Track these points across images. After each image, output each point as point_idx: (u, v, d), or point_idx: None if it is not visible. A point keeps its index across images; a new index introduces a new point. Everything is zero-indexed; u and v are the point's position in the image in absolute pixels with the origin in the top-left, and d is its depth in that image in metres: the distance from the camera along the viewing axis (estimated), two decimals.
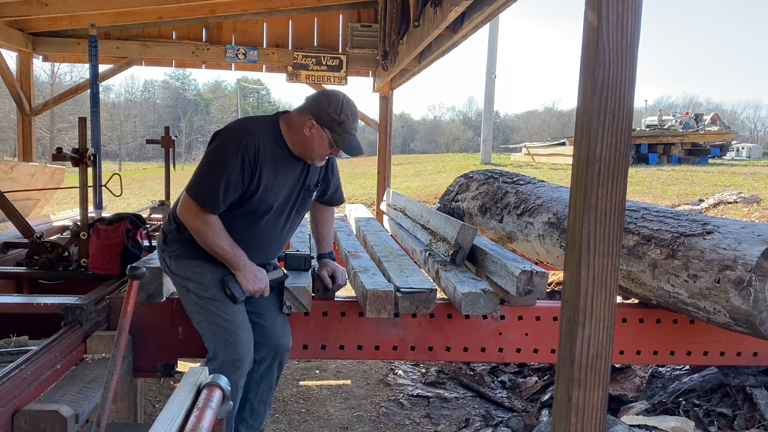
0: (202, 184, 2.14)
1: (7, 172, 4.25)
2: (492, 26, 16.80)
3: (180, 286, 2.30)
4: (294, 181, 2.32)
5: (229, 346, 2.21)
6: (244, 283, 2.22)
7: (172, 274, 2.31)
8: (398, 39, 5.36)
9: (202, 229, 2.15)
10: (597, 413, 1.52)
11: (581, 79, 1.45)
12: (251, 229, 2.29)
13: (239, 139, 2.14)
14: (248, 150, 2.13)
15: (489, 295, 2.36)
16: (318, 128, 2.19)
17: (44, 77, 34.38)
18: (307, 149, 2.24)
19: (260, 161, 2.15)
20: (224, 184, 2.11)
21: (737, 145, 21.91)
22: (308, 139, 2.21)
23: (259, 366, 2.40)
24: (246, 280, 2.23)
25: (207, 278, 2.25)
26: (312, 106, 2.21)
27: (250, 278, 2.23)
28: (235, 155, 2.11)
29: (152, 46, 6.54)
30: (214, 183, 2.11)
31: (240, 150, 2.11)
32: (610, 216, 1.45)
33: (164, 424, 1.08)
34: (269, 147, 2.19)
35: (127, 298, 1.60)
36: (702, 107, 48.89)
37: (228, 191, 2.13)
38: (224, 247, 2.18)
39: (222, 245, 2.17)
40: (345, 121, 2.19)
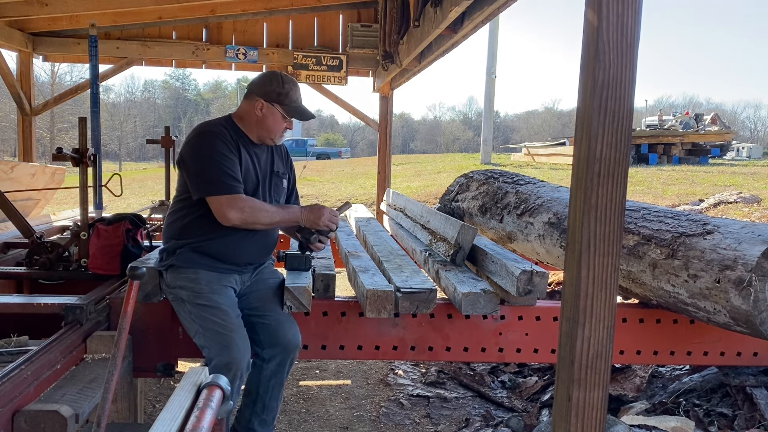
0: (213, 178, 2.23)
1: (7, 172, 4.25)
2: (492, 26, 16.80)
3: (176, 299, 2.33)
4: (264, 167, 2.46)
5: (224, 350, 2.21)
6: (308, 222, 2.39)
7: (168, 288, 2.35)
8: (398, 39, 5.36)
9: (246, 215, 2.25)
10: (597, 413, 1.52)
11: (581, 79, 1.45)
12: None
13: (210, 129, 2.32)
14: (224, 134, 2.31)
15: (489, 295, 2.36)
16: (267, 106, 2.37)
17: (44, 77, 34.39)
18: (264, 128, 2.40)
19: (235, 142, 2.33)
20: (227, 163, 2.24)
21: (737, 145, 21.92)
22: (262, 118, 2.38)
23: (269, 364, 2.40)
24: (308, 220, 2.39)
25: (201, 284, 2.29)
26: (256, 89, 2.40)
27: (312, 216, 2.39)
28: (218, 140, 2.27)
29: (152, 46, 6.54)
30: (221, 169, 2.23)
31: (218, 135, 2.29)
32: (610, 216, 1.45)
33: (164, 424, 1.08)
34: (233, 134, 2.36)
35: (127, 298, 1.60)
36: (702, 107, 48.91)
37: (235, 168, 2.26)
38: (273, 214, 2.32)
39: (272, 213, 2.32)
40: (290, 91, 2.39)
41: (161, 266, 2.39)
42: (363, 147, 54.08)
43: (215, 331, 2.23)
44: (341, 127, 63.95)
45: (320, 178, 14.32)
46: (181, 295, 2.29)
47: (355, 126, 60.12)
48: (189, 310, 2.28)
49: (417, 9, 4.46)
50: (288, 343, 2.40)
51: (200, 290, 2.28)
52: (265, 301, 2.44)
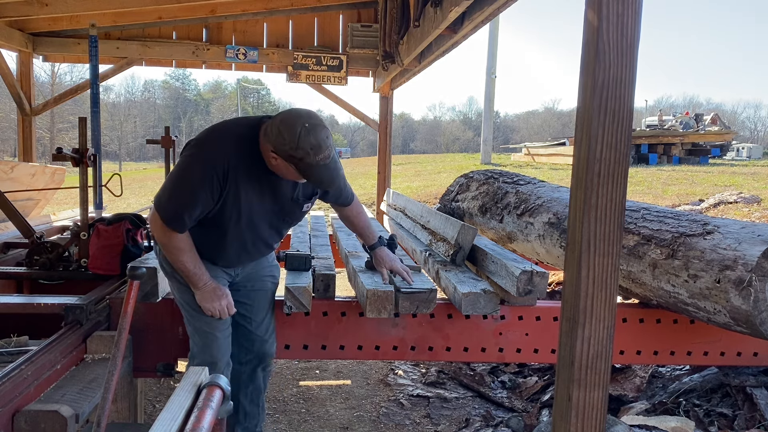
0: (169, 203, 2.05)
1: (7, 172, 4.25)
2: (492, 26, 16.81)
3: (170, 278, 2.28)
4: (281, 194, 2.17)
5: (206, 349, 2.23)
6: (201, 301, 2.17)
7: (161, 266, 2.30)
8: (398, 39, 5.36)
9: (166, 245, 2.10)
10: (597, 413, 1.52)
11: (581, 79, 1.45)
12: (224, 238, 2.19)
13: (207, 158, 2.01)
14: (216, 170, 1.99)
15: (489, 295, 2.36)
16: (281, 159, 1.98)
17: (44, 77, 34.41)
18: (280, 173, 2.07)
19: (230, 180, 2.02)
20: (191, 205, 2.01)
21: (737, 145, 21.92)
22: (275, 167, 2.04)
23: (245, 368, 2.42)
24: (203, 299, 2.17)
25: None
26: (271, 136, 1.97)
27: (207, 298, 2.17)
28: (202, 176, 1.99)
29: (152, 46, 6.54)
30: (180, 203, 2.02)
31: (207, 171, 1.99)
32: (610, 216, 1.45)
33: (164, 424, 1.08)
34: (242, 163, 2.03)
35: (127, 298, 1.60)
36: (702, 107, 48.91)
37: (194, 212, 2.04)
38: (186, 264, 2.11)
39: (184, 262, 2.11)
40: (305, 157, 1.91)
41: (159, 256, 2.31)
42: (363, 147, 54.10)
43: (200, 329, 2.23)
44: (341, 127, 63.99)
45: None
46: (173, 284, 2.27)
47: (355, 126, 60.17)
48: (179, 301, 2.28)
49: (417, 9, 4.46)
50: (261, 350, 2.40)
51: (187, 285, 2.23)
52: (254, 302, 2.39)
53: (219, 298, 2.19)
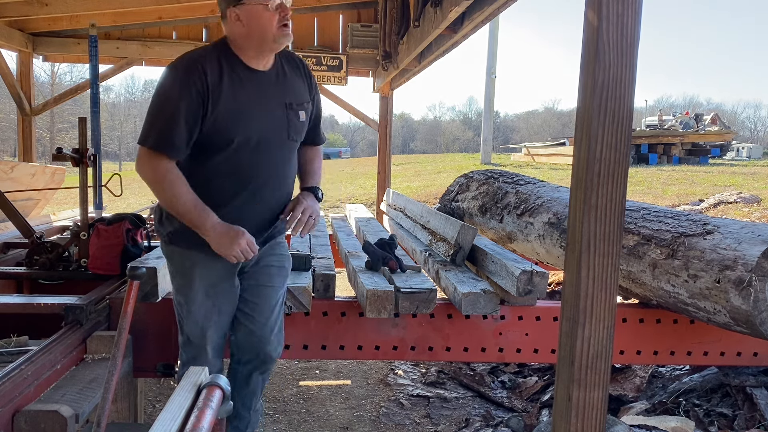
0: (152, 127, 1.87)
1: (7, 172, 4.25)
2: (492, 26, 16.81)
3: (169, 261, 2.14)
4: (271, 101, 2.00)
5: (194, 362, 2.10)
6: (218, 248, 1.93)
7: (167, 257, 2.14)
8: (398, 39, 5.36)
9: (159, 180, 1.89)
10: (597, 413, 1.52)
11: (581, 79, 1.45)
12: (239, 170, 1.97)
13: (179, 67, 1.88)
14: (192, 74, 1.85)
15: (489, 295, 2.36)
16: (242, 8, 1.88)
17: (44, 77, 34.40)
18: (257, 37, 1.91)
19: (211, 82, 1.87)
20: (175, 119, 1.84)
21: (737, 145, 21.92)
22: (246, 27, 1.89)
23: (243, 369, 2.26)
24: (220, 245, 1.92)
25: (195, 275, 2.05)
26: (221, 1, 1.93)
27: (223, 242, 1.92)
28: (178, 85, 1.85)
29: (152, 46, 6.54)
30: (163, 121, 1.85)
31: (181, 78, 1.86)
32: (610, 216, 1.45)
33: (164, 424, 1.08)
34: (219, 66, 1.90)
35: (127, 298, 1.60)
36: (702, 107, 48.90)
37: (180, 126, 1.85)
38: (187, 202, 1.89)
39: (184, 200, 1.89)
40: None
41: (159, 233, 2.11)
42: (363, 147, 54.07)
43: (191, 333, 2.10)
44: (341, 127, 63.99)
45: None
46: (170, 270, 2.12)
47: (355, 126, 60.16)
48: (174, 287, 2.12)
49: (417, 9, 4.46)
50: (265, 356, 2.22)
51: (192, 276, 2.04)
52: (261, 300, 2.18)
53: (236, 236, 1.92)
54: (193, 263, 2.03)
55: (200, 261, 2.02)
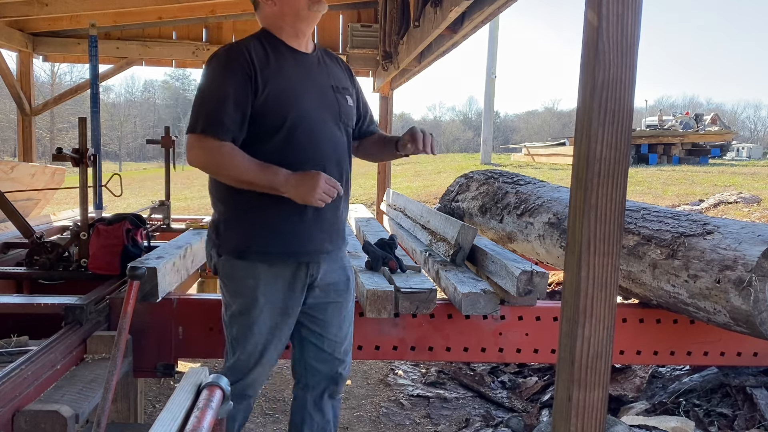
0: (201, 109, 1.81)
1: (7, 172, 4.25)
2: (492, 26, 16.81)
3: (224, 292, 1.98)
4: (317, 80, 1.95)
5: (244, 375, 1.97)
6: (298, 197, 1.80)
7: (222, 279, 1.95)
8: (398, 39, 5.36)
9: (213, 161, 1.81)
10: (597, 413, 1.52)
11: (581, 79, 1.45)
12: (297, 152, 1.87)
13: (222, 55, 1.84)
14: (237, 58, 1.81)
15: (489, 295, 2.36)
16: None
17: (44, 77, 34.40)
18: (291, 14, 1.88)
19: (258, 62, 1.83)
20: (223, 101, 1.79)
21: (737, 145, 21.94)
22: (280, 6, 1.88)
23: (311, 393, 2.09)
24: (305, 194, 1.79)
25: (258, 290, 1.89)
26: None
27: (304, 190, 1.79)
28: (224, 70, 1.81)
29: (152, 46, 6.54)
30: (210, 106, 1.80)
31: (226, 63, 1.82)
32: (610, 216, 1.45)
33: (164, 424, 1.08)
34: (263, 47, 1.87)
35: (127, 298, 1.60)
36: (702, 107, 48.91)
37: (229, 107, 1.79)
38: (250, 166, 1.79)
39: (245, 164, 1.79)
40: None
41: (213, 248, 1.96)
42: None
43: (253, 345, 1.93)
44: None
45: None
46: (228, 291, 1.94)
47: None
48: (232, 311, 1.95)
49: (417, 9, 4.46)
50: (335, 375, 2.07)
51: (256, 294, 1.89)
52: (328, 315, 2.03)
53: (314, 178, 1.80)
54: (258, 279, 1.89)
55: (264, 276, 1.89)
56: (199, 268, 3.32)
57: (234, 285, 1.92)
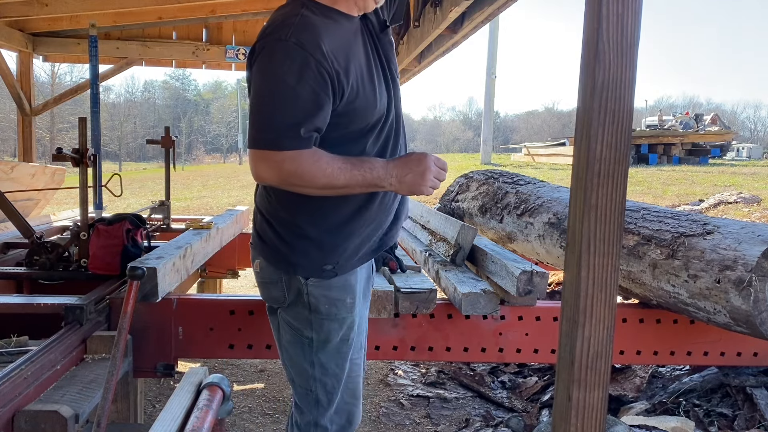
0: (265, 124, 1.45)
1: (7, 172, 4.25)
2: (492, 26, 16.82)
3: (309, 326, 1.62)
4: (374, 64, 1.58)
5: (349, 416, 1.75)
6: (408, 190, 1.54)
7: (312, 311, 1.59)
8: (398, 39, 5.36)
9: (291, 175, 1.44)
10: (597, 413, 1.52)
11: (581, 80, 1.45)
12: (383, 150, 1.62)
13: (285, 38, 1.41)
14: (305, 44, 1.41)
15: (489, 295, 2.36)
16: None
17: (44, 77, 34.42)
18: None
19: (329, 52, 1.43)
20: (296, 108, 1.42)
21: (737, 146, 21.96)
22: None
23: None
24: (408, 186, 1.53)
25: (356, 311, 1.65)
26: None
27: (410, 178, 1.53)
28: (289, 62, 1.41)
29: (152, 46, 6.54)
30: (280, 112, 1.43)
31: (291, 52, 1.41)
32: (610, 216, 1.45)
33: (164, 424, 1.08)
34: (326, 28, 1.46)
35: (127, 298, 1.60)
36: (702, 107, 48.92)
37: (308, 114, 1.42)
38: (344, 168, 1.47)
39: (338, 168, 1.46)
40: None
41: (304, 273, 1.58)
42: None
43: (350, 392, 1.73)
44: None
45: None
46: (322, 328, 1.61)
47: None
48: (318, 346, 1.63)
49: (417, 9, 4.46)
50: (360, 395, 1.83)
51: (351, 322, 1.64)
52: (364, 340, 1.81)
53: (420, 162, 1.55)
54: (354, 297, 1.63)
55: (359, 290, 1.66)
56: (199, 268, 3.32)
57: (330, 309, 1.61)
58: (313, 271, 1.57)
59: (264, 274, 1.65)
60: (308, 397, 1.68)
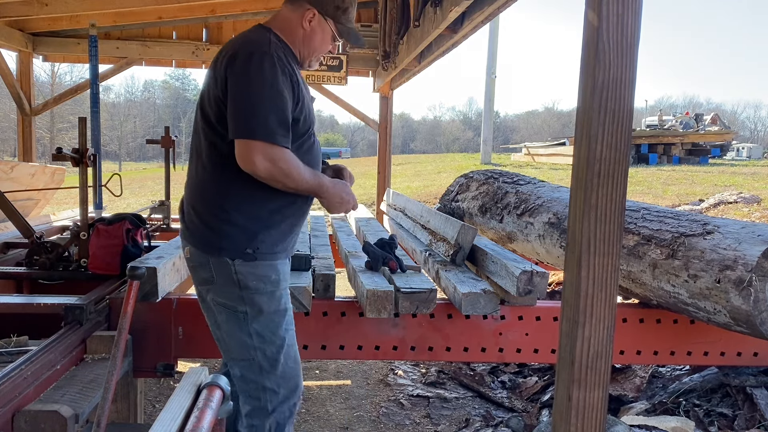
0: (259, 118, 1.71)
1: (7, 172, 4.25)
2: (492, 26, 16.82)
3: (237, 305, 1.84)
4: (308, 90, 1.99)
5: (294, 374, 1.91)
6: (331, 206, 1.89)
7: (242, 288, 1.82)
8: (398, 39, 5.36)
9: (280, 171, 1.73)
10: (597, 413, 1.52)
11: (581, 80, 1.45)
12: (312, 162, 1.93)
13: (268, 51, 1.76)
14: (282, 59, 1.77)
15: (489, 295, 2.36)
16: (319, 19, 1.88)
17: (44, 77, 34.39)
18: (308, 47, 1.91)
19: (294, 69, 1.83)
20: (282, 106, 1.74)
21: (737, 145, 21.95)
22: (309, 34, 1.88)
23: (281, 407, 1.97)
24: (333, 203, 1.89)
25: (281, 287, 1.87)
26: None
27: (338, 196, 1.90)
28: (274, 69, 1.73)
29: (152, 46, 6.54)
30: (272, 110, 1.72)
31: (275, 62, 1.74)
32: (610, 216, 1.45)
33: (164, 424, 1.08)
34: (287, 56, 1.84)
35: (127, 298, 1.60)
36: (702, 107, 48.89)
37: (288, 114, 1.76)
38: (307, 177, 1.81)
39: (305, 176, 1.80)
40: (349, 7, 1.92)
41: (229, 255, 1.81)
42: (363, 147, 54.06)
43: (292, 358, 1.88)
44: (341, 127, 63.98)
45: None
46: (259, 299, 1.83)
47: (355, 126, 60.16)
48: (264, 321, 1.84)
49: (417, 9, 4.46)
50: (299, 386, 1.97)
51: (279, 296, 1.86)
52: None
53: (346, 188, 1.94)
54: (278, 274, 1.88)
55: (281, 270, 1.89)
56: None
57: (265, 287, 1.85)
58: (237, 252, 1.81)
59: (193, 258, 1.87)
60: (252, 366, 1.86)
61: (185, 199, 1.94)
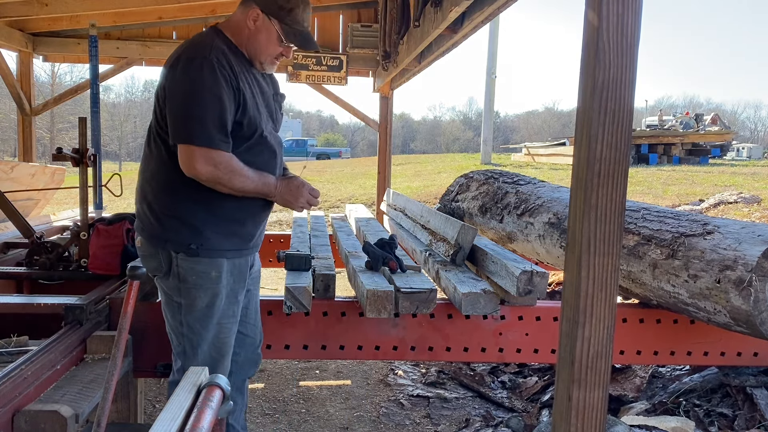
0: (198, 123, 1.78)
1: (7, 172, 4.25)
2: (492, 26, 16.81)
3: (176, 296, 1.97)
4: (267, 93, 2.04)
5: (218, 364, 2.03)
6: (284, 202, 1.98)
7: (181, 281, 1.93)
8: (398, 39, 5.36)
9: (222, 174, 1.82)
10: (597, 413, 1.52)
11: (581, 80, 1.45)
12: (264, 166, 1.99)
13: (207, 56, 1.82)
14: (222, 64, 1.83)
15: (489, 295, 2.36)
16: (264, 18, 1.90)
17: (44, 77, 34.37)
18: (253, 46, 1.94)
19: (236, 73, 1.87)
20: (221, 111, 1.80)
21: (737, 145, 21.96)
22: (254, 32, 1.91)
23: (236, 376, 2.21)
24: (285, 200, 1.98)
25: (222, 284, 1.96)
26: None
27: (290, 194, 1.99)
28: (214, 75, 1.79)
29: (152, 46, 6.54)
30: (210, 115, 1.78)
31: (215, 67, 1.80)
32: (610, 216, 1.45)
33: (164, 424, 1.08)
34: (230, 58, 1.88)
35: (127, 298, 1.60)
36: (702, 107, 48.89)
37: (227, 118, 1.82)
38: (252, 178, 1.88)
39: (249, 177, 1.88)
40: (295, 8, 1.92)
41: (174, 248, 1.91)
42: (363, 147, 54.06)
43: (214, 339, 2.01)
44: (341, 127, 63.99)
45: (320, 179, 14.32)
46: (187, 288, 1.93)
47: (355, 126, 60.15)
48: (189, 309, 1.96)
49: (417, 9, 4.46)
50: (257, 357, 2.25)
51: (217, 293, 1.95)
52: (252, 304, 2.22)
53: (300, 186, 2.02)
54: (219, 271, 1.95)
55: (225, 268, 1.97)
56: None
57: (196, 280, 1.94)
58: (180, 246, 1.90)
59: (143, 248, 2.00)
60: (179, 349, 2.05)
61: (137, 190, 2.03)
